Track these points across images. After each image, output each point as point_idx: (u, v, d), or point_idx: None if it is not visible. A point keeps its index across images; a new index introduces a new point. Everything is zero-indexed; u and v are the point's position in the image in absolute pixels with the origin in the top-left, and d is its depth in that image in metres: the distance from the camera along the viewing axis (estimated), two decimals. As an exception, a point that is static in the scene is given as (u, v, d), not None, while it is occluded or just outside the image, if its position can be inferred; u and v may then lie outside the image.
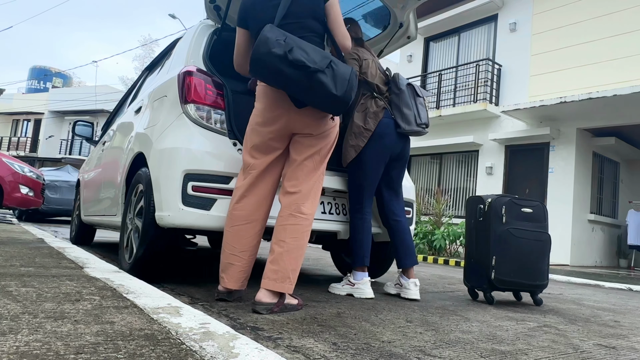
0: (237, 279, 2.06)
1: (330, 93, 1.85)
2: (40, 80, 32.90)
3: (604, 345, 1.86)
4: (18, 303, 1.35)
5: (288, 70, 1.82)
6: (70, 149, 28.18)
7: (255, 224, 2.08)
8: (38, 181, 7.10)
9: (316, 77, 1.82)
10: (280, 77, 1.86)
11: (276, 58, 1.80)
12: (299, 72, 1.82)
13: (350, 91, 1.88)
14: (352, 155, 2.68)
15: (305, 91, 1.88)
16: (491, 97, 10.48)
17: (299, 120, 2.03)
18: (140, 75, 4.14)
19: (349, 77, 1.89)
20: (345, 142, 2.73)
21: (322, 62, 1.86)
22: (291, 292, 1.95)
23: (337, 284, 2.75)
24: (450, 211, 10.74)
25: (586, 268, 8.70)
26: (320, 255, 6.65)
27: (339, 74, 1.87)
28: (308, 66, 1.81)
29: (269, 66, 1.83)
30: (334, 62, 1.90)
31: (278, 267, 1.92)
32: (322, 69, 1.83)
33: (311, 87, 1.85)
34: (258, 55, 1.83)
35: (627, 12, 8.84)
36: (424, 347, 1.55)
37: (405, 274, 2.76)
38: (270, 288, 1.91)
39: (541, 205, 3.04)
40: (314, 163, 2.07)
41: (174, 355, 0.97)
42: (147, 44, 35.51)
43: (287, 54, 1.80)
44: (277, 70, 1.83)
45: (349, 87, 1.88)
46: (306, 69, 1.81)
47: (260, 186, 2.09)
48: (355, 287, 2.64)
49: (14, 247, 3.03)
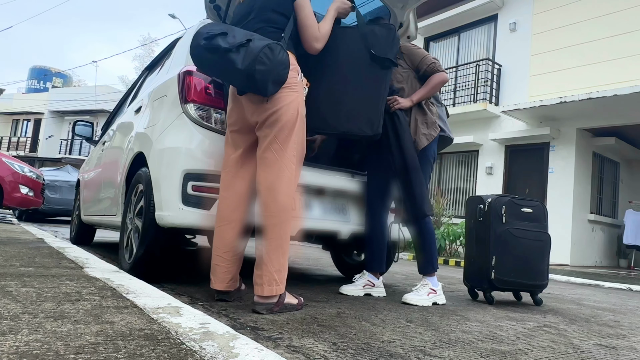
0: (222, 279, 2.05)
1: (236, 68, 1.80)
2: (40, 80, 32.89)
3: (604, 345, 1.86)
4: (18, 303, 1.35)
5: (208, 56, 1.85)
6: (70, 149, 28.18)
7: (235, 225, 2.06)
8: (38, 181, 7.09)
9: (227, 57, 1.80)
10: (206, 65, 1.92)
11: (198, 48, 1.85)
12: (215, 55, 1.82)
13: (254, 63, 1.78)
14: (425, 143, 2.67)
15: (224, 74, 1.91)
16: (491, 97, 10.48)
17: (246, 109, 2.02)
18: (140, 75, 4.13)
19: (257, 50, 1.80)
20: (417, 131, 2.69)
21: (239, 41, 1.82)
22: (282, 292, 1.93)
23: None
24: (450, 211, 10.74)
25: (586, 268, 8.70)
26: (320, 255, 6.65)
27: (250, 49, 1.81)
28: (219, 47, 1.80)
29: (197, 58, 1.89)
30: (254, 40, 1.84)
31: (261, 272, 1.89)
32: (234, 47, 1.80)
33: (226, 69, 1.84)
34: (190, 49, 1.89)
35: (627, 12, 8.84)
36: (424, 347, 1.55)
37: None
38: (259, 294, 1.89)
39: (541, 205, 3.04)
40: (274, 153, 1.95)
41: (174, 355, 0.97)
42: (147, 44, 35.52)
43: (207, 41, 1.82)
44: (202, 58, 1.88)
45: (253, 59, 1.78)
46: (218, 50, 1.81)
47: (236, 185, 2.08)
48: (438, 294, 2.61)
49: (14, 247, 3.03)
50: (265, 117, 1.95)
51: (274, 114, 1.94)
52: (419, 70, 2.73)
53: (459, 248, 9.00)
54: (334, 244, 3.63)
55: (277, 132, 1.95)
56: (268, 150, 1.96)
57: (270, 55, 1.82)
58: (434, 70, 2.70)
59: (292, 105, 1.97)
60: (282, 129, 1.95)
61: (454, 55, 11.94)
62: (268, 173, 1.94)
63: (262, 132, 1.99)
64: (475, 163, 10.90)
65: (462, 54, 11.74)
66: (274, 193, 1.92)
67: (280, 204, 1.91)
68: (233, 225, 2.05)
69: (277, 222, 1.91)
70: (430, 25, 11.98)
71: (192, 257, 4.26)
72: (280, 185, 1.92)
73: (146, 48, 36.04)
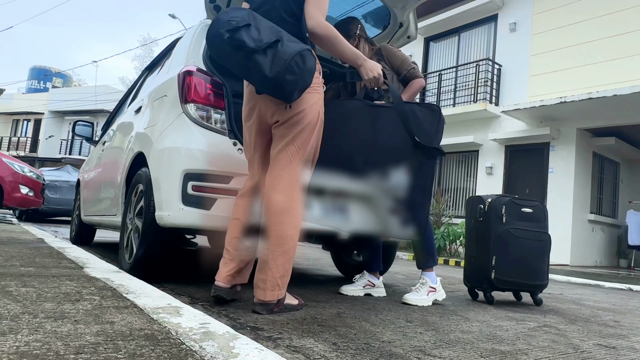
0: (221, 271, 2.01)
1: (263, 74, 1.68)
2: (40, 80, 32.90)
3: (604, 345, 1.86)
4: (18, 303, 1.35)
5: (230, 51, 1.71)
6: (70, 149, 28.18)
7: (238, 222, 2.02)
8: (38, 181, 7.10)
9: (252, 58, 1.68)
10: (224, 59, 1.76)
11: (218, 37, 1.70)
12: (238, 53, 1.69)
13: (284, 72, 1.67)
14: None
15: (245, 73, 1.76)
16: (491, 97, 10.48)
17: (265, 108, 1.91)
18: (140, 75, 4.13)
19: (288, 58, 1.67)
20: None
21: (266, 41, 1.68)
22: (283, 296, 1.90)
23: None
24: (450, 211, 10.74)
25: (586, 268, 8.70)
26: (320, 255, 6.65)
27: (279, 54, 1.68)
28: (245, 46, 1.66)
29: (216, 48, 1.74)
30: (283, 42, 1.71)
31: (265, 277, 1.85)
32: (261, 48, 1.67)
33: (249, 70, 1.72)
34: (208, 36, 1.74)
35: (627, 12, 8.84)
36: (424, 347, 1.55)
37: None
38: (261, 298, 1.86)
39: (541, 205, 3.04)
40: (289, 155, 1.87)
41: (174, 355, 0.97)
42: (146, 44, 35.53)
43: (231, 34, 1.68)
44: (222, 52, 1.74)
45: (284, 68, 1.67)
46: (243, 49, 1.67)
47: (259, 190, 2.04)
48: (437, 291, 2.60)
49: (14, 247, 3.03)
50: (287, 117, 1.86)
51: (296, 115, 1.85)
52: (399, 73, 2.68)
53: (459, 248, 9.00)
54: (334, 244, 3.63)
55: (296, 135, 1.87)
56: (284, 151, 1.89)
57: (301, 65, 1.71)
58: (413, 75, 2.65)
59: (314, 107, 1.89)
60: (302, 132, 1.88)
61: (454, 55, 11.94)
62: (281, 174, 1.87)
63: (279, 132, 1.90)
64: (475, 163, 10.90)
65: (462, 54, 11.73)
66: (282, 196, 1.85)
67: (288, 207, 1.84)
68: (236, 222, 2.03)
69: (287, 228, 1.84)
70: (430, 25, 11.98)
71: (192, 257, 4.26)
72: (289, 188, 1.86)
73: (146, 48, 36.07)
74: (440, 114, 2.22)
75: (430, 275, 2.62)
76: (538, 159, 9.78)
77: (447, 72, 11.54)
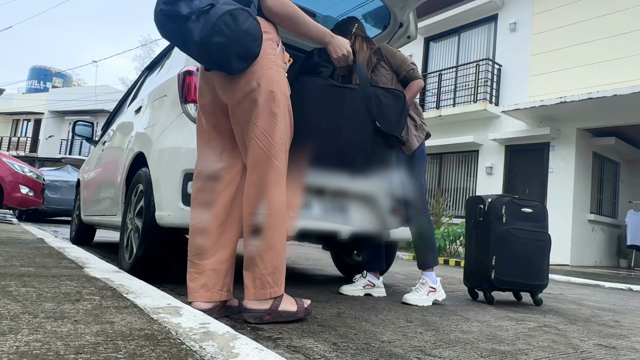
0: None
1: (193, 40, 1.53)
2: (40, 80, 32.90)
3: (604, 345, 1.86)
4: (18, 303, 1.35)
5: (167, 24, 1.57)
6: (70, 149, 28.18)
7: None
8: (38, 181, 7.10)
9: (185, 26, 1.53)
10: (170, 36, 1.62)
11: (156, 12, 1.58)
12: (175, 24, 1.55)
13: (210, 34, 1.50)
14: (416, 144, 2.64)
15: (184, 46, 1.60)
16: (491, 97, 10.48)
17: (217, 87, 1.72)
18: (140, 75, 4.14)
19: (215, 19, 1.50)
20: (409, 132, 2.66)
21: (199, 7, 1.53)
22: (278, 294, 1.67)
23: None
24: (450, 211, 10.74)
25: (586, 268, 8.70)
26: (320, 255, 6.66)
27: (209, 17, 1.52)
28: (179, 14, 1.52)
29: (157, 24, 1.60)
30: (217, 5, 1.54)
31: (253, 274, 1.65)
32: (194, 14, 1.52)
33: (185, 40, 1.56)
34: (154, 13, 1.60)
35: (627, 12, 8.84)
36: (424, 347, 1.55)
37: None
38: (251, 298, 1.66)
39: (541, 205, 3.04)
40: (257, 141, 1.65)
41: (174, 355, 0.97)
42: (147, 44, 35.54)
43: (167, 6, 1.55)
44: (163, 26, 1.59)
45: (210, 29, 1.50)
46: (178, 18, 1.53)
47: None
48: (437, 291, 2.60)
49: (14, 247, 3.03)
50: (237, 99, 1.65)
51: (249, 95, 1.63)
52: (399, 74, 2.68)
53: (459, 248, 9.00)
54: (334, 244, 3.63)
55: (256, 118, 1.63)
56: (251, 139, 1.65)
57: (231, 24, 1.51)
58: (412, 76, 2.65)
59: (271, 83, 1.64)
60: (262, 115, 1.63)
61: (454, 55, 11.94)
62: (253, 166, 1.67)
63: (236, 118, 1.70)
64: (476, 163, 10.91)
65: (462, 54, 11.74)
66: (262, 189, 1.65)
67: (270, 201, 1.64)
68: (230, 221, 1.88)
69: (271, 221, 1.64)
70: (430, 25, 11.99)
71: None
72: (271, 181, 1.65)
73: (146, 48, 36.10)
74: (405, 101, 2.18)
75: (431, 275, 2.62)
76: (538, 159, 9.78)
77: (447, 72, 11.55)
